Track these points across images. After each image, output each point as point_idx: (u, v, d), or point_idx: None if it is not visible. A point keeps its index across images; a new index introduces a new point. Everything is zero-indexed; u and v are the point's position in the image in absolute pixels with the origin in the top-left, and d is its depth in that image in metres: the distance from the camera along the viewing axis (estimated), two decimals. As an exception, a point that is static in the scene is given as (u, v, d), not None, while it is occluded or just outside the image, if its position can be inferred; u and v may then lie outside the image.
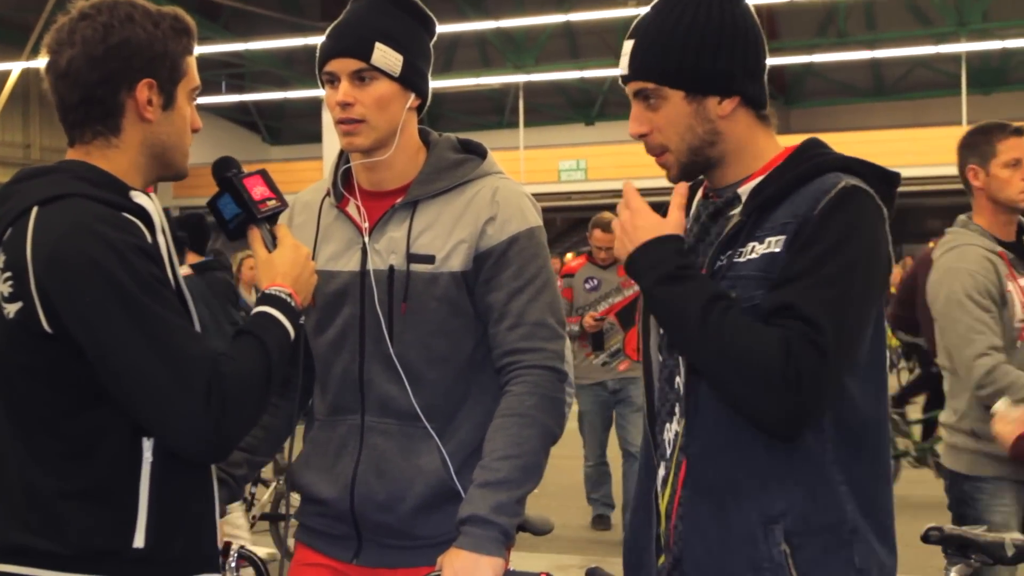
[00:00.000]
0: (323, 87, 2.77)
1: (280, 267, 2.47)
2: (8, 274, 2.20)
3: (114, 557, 2.21)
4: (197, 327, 2.33)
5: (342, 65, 2.68)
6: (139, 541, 2.21)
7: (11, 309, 2.19)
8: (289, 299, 2.43)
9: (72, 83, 2.32)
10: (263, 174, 2.56)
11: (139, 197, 2.31)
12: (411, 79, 2.71)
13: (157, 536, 2.23)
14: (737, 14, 2.28)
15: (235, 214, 2.53)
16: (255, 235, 2.51)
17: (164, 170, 2.43)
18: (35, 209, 2.21)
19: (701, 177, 2.41)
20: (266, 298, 2.42)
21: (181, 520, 2.29)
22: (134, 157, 2.36)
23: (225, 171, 2.54)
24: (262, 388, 2.28)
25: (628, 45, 2.30)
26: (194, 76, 2.43)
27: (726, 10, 2.27)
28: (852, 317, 2.15)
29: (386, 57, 2.66)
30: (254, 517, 7.21)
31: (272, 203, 2.53)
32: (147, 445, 2.23)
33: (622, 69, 2.31)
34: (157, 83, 2.34)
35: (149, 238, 2.26)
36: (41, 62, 2.39)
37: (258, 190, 2.52)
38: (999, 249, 4.08)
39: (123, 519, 2.22)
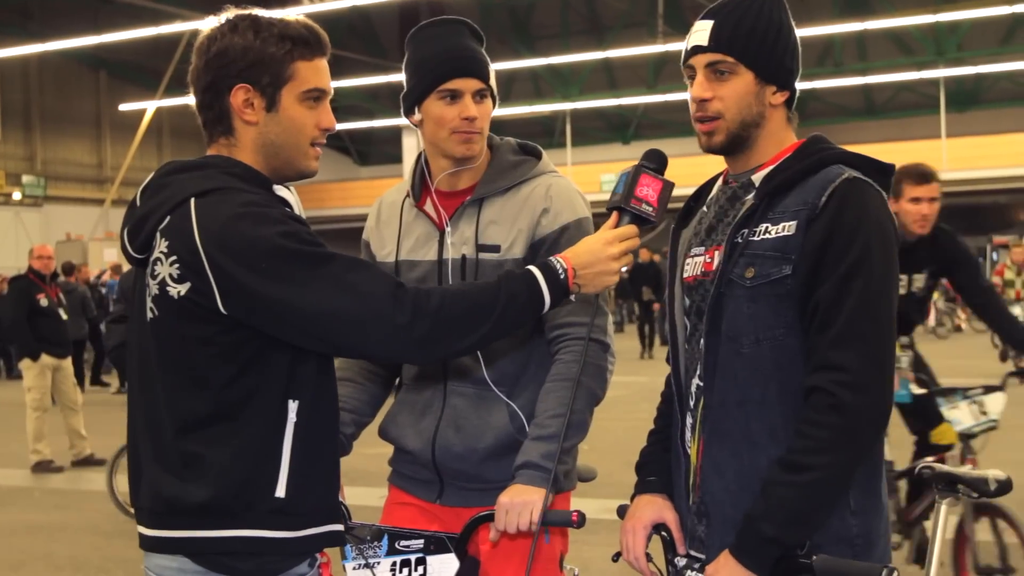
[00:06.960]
0: (417, 103, 2.70)
1: (581, 248, 2.27)
2: (173, 258, 2.04)
3: (258, 507, 2.07)
4: None
5: (467, 84, 2.64)
6: (280, 491, 2.07)
7: (181, 289, 2.03)
8: (561, 271, 2.21)
9: (193, 90, 2.19)
10: (666, 185, 2.30)
11: (280, 190, 2.18)
12: (495, 98, 2.77)
13: (296, 488, 2.09)
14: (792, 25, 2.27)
15: (618, 191, 2.32)
16: (612, 218, 2.31)
17: (284, 168, 2.20)
18: (193, 200, 2.05)
19: (723, 169, 2.37)
20: (542, 263, 2.23)
21: (316, 475, 2.14)
22: (251, 156, 2.17)
23: (644, 159, 2.33)
24: (473, 313, 2.10)
25: (707, 23, 2.22)
26: (306, 79, 2.15)
27: (786, 19, 2.25)
28: (885, 318, 2.09)
29: (492, 80, 2.72)
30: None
31: (645, 207, 2.28)
32: (292, 407, 2.09)
33: (698, 41, 2.22)
34: (254, 87, 2.13)
35: None
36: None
37: (645, 191, 2.29)
38: None
39: (268, 472, 2.07)
